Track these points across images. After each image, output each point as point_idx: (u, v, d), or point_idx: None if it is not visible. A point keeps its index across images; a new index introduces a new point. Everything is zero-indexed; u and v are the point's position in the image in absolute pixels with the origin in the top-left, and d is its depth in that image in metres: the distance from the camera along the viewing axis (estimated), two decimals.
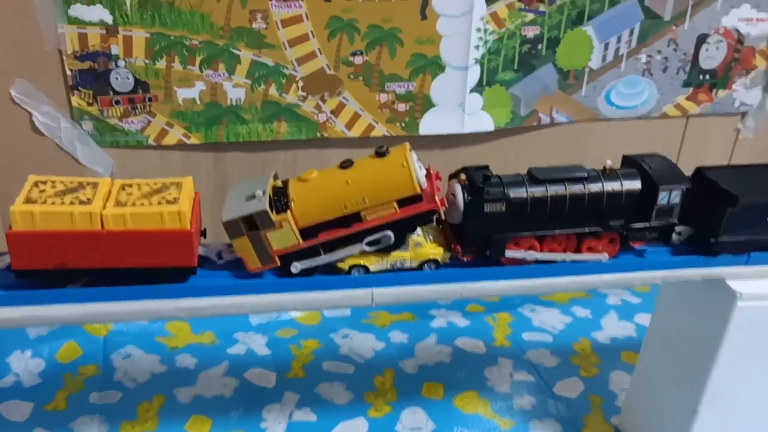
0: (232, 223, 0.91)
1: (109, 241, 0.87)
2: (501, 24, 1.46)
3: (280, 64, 1.40)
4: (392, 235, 0.94)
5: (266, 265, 0.94)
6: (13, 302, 0.89)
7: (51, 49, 1.31)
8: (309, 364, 1.49)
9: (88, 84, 1.35)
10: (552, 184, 0.98)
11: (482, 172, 0.99)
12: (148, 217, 0.87)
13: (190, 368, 1.45)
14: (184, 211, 0.88)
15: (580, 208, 0.99)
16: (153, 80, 1.37)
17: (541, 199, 0.98)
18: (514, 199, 0.96)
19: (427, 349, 1.55)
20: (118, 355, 1.47)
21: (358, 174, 0.93)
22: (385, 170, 0.92)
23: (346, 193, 0.92)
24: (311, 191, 0.94)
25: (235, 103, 1.42)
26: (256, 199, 0.92)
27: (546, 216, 0.99)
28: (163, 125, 1.41)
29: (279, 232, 0.92)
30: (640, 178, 1.00)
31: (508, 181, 0.98)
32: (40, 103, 1.35)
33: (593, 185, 0.99)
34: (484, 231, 0.97)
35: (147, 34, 1.33)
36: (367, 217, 0.93)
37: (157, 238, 0.88)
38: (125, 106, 1.38)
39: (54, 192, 0.89)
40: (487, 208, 0.96)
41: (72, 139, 1.39)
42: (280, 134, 1.47)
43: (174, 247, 0.89)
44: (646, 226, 1.01)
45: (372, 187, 0.92)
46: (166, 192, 0.91)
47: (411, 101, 1.49)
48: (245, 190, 0.95)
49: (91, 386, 1.39)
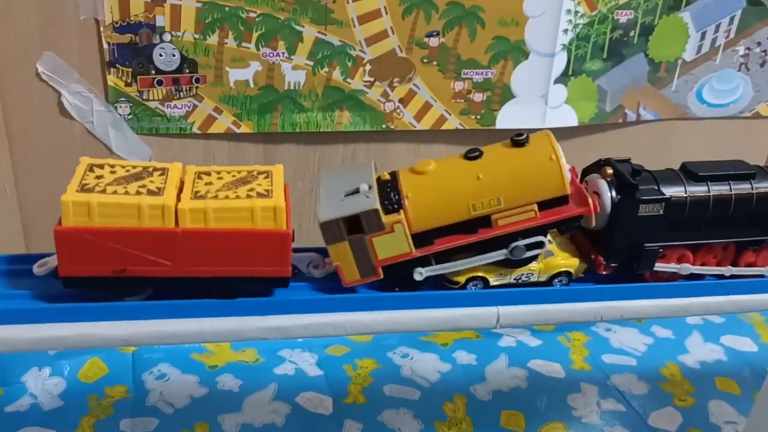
0: (332, 224, 0.73)
1: (185, 243, 0.69)
2: (593, 6, 1.29)
3: (346, 43, 1.22)
4: (524, 248, 0.76)
5: (366, 278, 0.77)
6: (58, 317, 0.70)
7: (86, 19, 1.12)
8: (369, 387, 1.31)
9: (127, 61, 1.16)
10: (714, 182, 0.81)
11: (629, 165, 0.82)
12: (237, 213, 0.69)
13: (234, 391, 1.26)
14: (280, 206, 0.70)
15: (745, 212, 0.82)
16: (202, 58, 1.19)
17: (701, 200, 0.81)
18: (674, 199, 0.79)
19: (498, 373, 1.37)
20: (151, 374, 1.28)
21: (492, 167, 0.76)
22: (528, 164, 0.75)
23: (477, 190, 0.75)
24: (430, 187, 0.76)
25: (293, 87, 1.24)
26: (361, 195, 0.74)
27: (705, 222, 0.82)
28: (210, 111, 1.23)
29: (388, 238, 0.74)
30: None
31: (661, 178, 0.81)
32: (71, 82, 1.16)
33: (762, 185, 0.82)
34: (635, 238, 0.80)
35: (198, 3, 1.15)
36: (500, 221, 0.76)
37: (246, 240, 0.70)
38: (168, 87, 1.20)
39: (114, 178, 0.71)
40: (642, 209, 0.78)
41: (105, 125, 1.20)
42: (342, 125, 1.29)
43: (267, 253, 0.71)
44: None
45: (510, 185, 0.75)
46: (255, 182, 0.73)
47: (489, 91, 1.32)
48: (343, 183, 0.77)
49: (121, 411, 1.20)
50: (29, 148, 1.19)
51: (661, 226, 0.80)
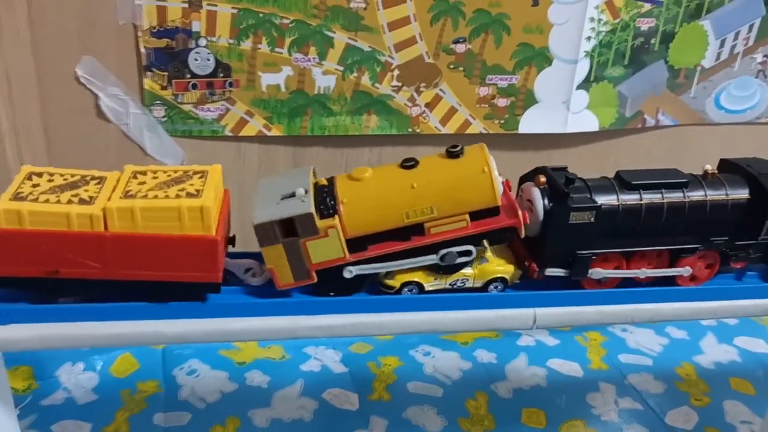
0: (266, 227, 0.73)
1: (114, 247, 0.70)
2: (616, 14, 1.32)
3: (376, 49, 1.25)
4: (456, 254, 0.78)
5: (299, 281, 0.77)
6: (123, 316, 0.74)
7: (125, 24, 1.15)
8: (393, 384, 1.34)
9: (163, 65, 1.19)
10: (646, 191, 0.82)
11: (563, 173, 0.82)
12: (163, 213, 0.69)
13: (263, 387, 1.30)
14: (207, 206, 0.69)
15: (678, 220, 0.83)
16: (236, 63, 1.22)
17: (633, 208, 0.81)
18: (604, 207, 0.80)
19: (518, 371, 1.40)
20: (181, 370, 1.32)
21: (427, 177, 0.76)
22: (461, 175, 0.75)
23: (411, 199, 0.75)
24: (366, 194, 0.76)
25: (323, 92, 1.27)
26: (296, 199, 0.74)
27: (638, 229, 0.82)
28: (242, 114, 1.26)
29: (322, 242, 0.75)
30: (748, 187, 0.84)
31: (595, 186, 0.81)
32: (108, 85, 1.19)
33: (694, 193, 0.83)
34: (567, 246, 0.80)
35: (233, 9, 1.18)
36: (432, 229, 0.76)
37: (174, 245, 0.70)
38: (203, 91, 1.23)
39: (50, 187, 0.72)
40: (573, 217, 0.79)
41: (140, 127, 1.23)
42: (369, 128, 1.32)
43: (195, 258, 0.71)
44: (752, 243, 0.85)
45: (443, 195, 0.75)
46: (187, 182, 0.72)
47: (512, 96, 1.35)
48: (281, 187, 0.77)
49: (154, 406, 1.23)
50: (66, 148, 1.22)
51: (593, 233, 0.80)
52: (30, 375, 1.26)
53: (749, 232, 0.85)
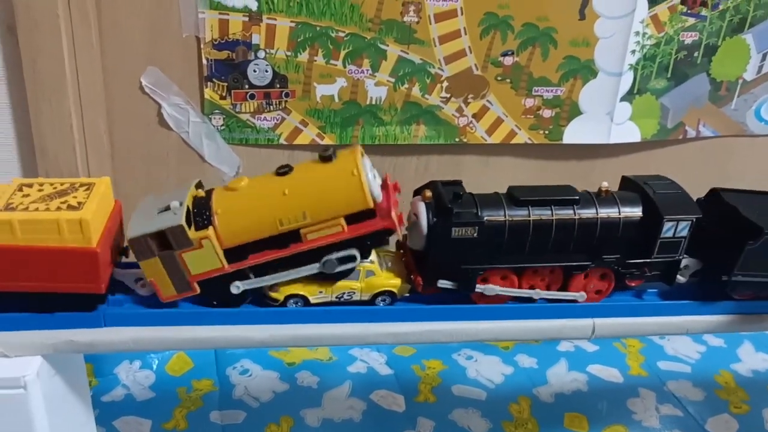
0: (139, 240, 0.73)
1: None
2: (660, 28, 1.35)
3: (426, 61, 1.29)
4: (336, 261, 0.77)
5: (182, 293, 0.77)
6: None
7: (188, 36, 1.20)
8: (438, 387, 1.37)
9: (223, 75, 1.24)
10: (535, 207, 0.81)
11: (453, 189, 0.82)
12: (42, 225, 0.69)
13: (313, 387, 1.34)
14: (87, 219, 0.69)
15: (568, 237, 0.82)
16: (292, 74, 1.26)
17: (521, 225, 0.81)
18: (489, 223, 0.79)
19: (559, 376, 1.43)
20: (234, 370, 1.36)
21: (298, 183, 0.75)
22: (331, 179, 0.75)
23: (283, 205, 0.75)
24: (240, 203, 0.76)
25: (374, 102, 1.31)
26: (170, 212, 0.74)
27: (527, 245, 0.82)
28: (296, 123, 1.30)
29: (198, 253, 0.75)
30: (642, 205, 0.84)
31: (483, 202, 0.81)
32: (171, 94, 1.24)
33: (585, 210, 0.82)
34: (451, 260, 0.80)
35: (292, 23, 1.22)
36: (308, 236, 0.76)
37: (55, 256, 0.70)
38: (260, 101, 1.27)
39: None
40: (455, 232, 0.78)
41: (199, 135, 1.28)
42: (418, 138, 1.36)
43: (77, 269, 0.71)
44: (646, 261, 0.84)
45: (314, 199, 0.75)
46: (71, 195, 0.73)
47: (557, 107, 1.38)
48: (160, 201, 0.77)
49: (209, 404, 1.27)
50: (129, 155, 1.26)
51: (478, 248, 0.80)
52: (90, 372, 1.31)
53: (642, 251, 0.84)
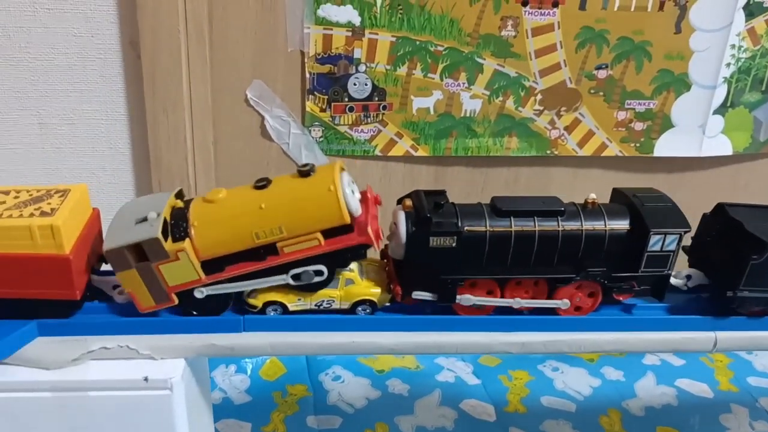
0: (116, 252, 0.72)
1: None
2: (757, 41, 1.34)
3: (521, 75, 1.31)
4: (313, 273, 0.77)
5: (160, 304, 0.77)
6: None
7: (293, 51, 1.24)
8: (526, 398, 1.38)
9: (324, 89, 1.28)
10: (518, 218, 0.79)
11: (434, 198, 0.80)
12: (15, 232, 0.69)
13: (404, 395, 1.36)
14: (58, 225, 0.69)
15: (551, 249, 0.80)
16: (391, 87, 1.29)
17: (502, 236, 0.79)
18: (469, 233, 0.78)
19: (648, 390, 1.42)
20: (327, 376, 1.39)
21: (275, 197, 0.75)
22: (308, 193, 0.74)
23: (259, 219, 0.74)
24: (217, 216, 0.75)
25: (469, 114, 1.33)
26: (147, 223, 0.73)
27: (509, 257, 0.80)
28: (392, 135, 1.33)
29: (175, 265, 0.74)
30: (629, 218, 0.82)
31: (464, 212, 0.79)
32: (274, 107, 1.28)
33: (570, 223, 0.80)
34: (430, 270, 0.79)
35: (393, 37, 1.25)
36: (285, 249, 0.75)
37: (26, 263, 0.70)
38: (358, 113, 1.30)
39: None
40: (432, 242, 0.77)
41: (299, 146, 1.32)
42: (510, 150, 1.37)
43: (50, 276, 0.71)
44: (633, 275, 0.82)
45: (290, 214, 0.74)
46: (45, 201, 0.72)
47: (649, 120, 1.38)
48: (139, 210, 0.76)
49: (305, 408, 1.30)
50: (232, 165, 1.31)
51: (457, 258, 0.79)
52: None
53: (629, 264, 0.82)
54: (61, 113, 1.18)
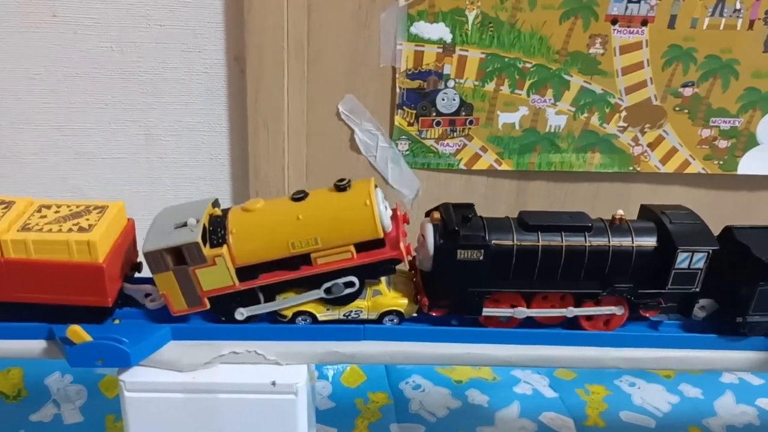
0: (155, 254, 0.75)
1: (9, 272, 0.75)
2: None
3: (607, 92, 1.32)
4: (344, 285, 0.79)
5: (192, 308, 0.79)
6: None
7: (385, 66, 1.27)
8: (605, 412, 1.38)
9: (413, 103, 1.31)
10: (545, 233, 0.80)
11: (462, 211, 0.81)
12: (53, 246, 0.74)
13: (484, 406, 1.37)
14: (94, 241, 0.74)
15: (578, 265, 0.81)
16: (478, 102, 1.31)
17: (529, 250, 0.79)
18: (496, 246, 0.79)
19: (728, 408, 1.42)
20: (407, 384, 1.41)
21: (312, 209, 0.77)
22: (344, 208, 0.76)
23: (296, 230, 0.76)
24: (254, 224, 0.77)
25: (553, 130, 1.35)
26: (187, 228, 0.75)
27: (536, 271, 0.81)
28: (477, 150, 1.36)
29: (211, 270, 0.76)
30: (657, 235, 0.82)
31: (491, 225, 0.80)
32: (364, 121, 1.31)
33: (597, 239, 0.80)
34: (457, 282, 0.80)
35: (482, 54, 1.28)
36: (318, 260, 0.78)
37: (64, 271, 0.75)
38: (445, 128, 1.33)
39: None
40: (460, 255, 0.78)
41: (385, 159, 1.35)
42: (592, 165, 1.39)
43: (84, 283, 0.75)
44: (660, 292, 0.82)
45: (326, 226, 0.76)
46: (84, 217, 0.77)
47: (734, 138, 1.38)
48: (177, 216, 0.78)
49: (388, 416, 1.33)
50: (321, 176, 1.34)
51: (485, 272, 0.79)
52: None
53: (656, 281, 0.82)
54: (167, 125, 1.23)
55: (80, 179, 1.25)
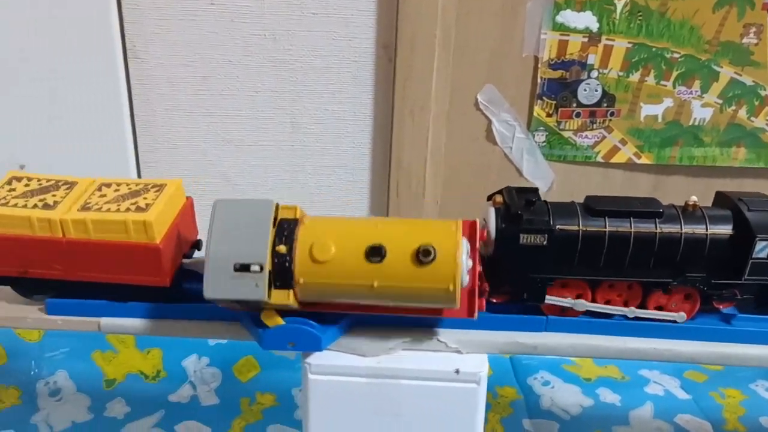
0: (218, 301, 0.72)
1: (70, 251, 0.75)
2: None
3: (758, 84, 1.27)
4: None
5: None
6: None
7: (527, 57, 1.25)
8: (744, 417, 1.33)
9: (553, 94, 1.28)
10: (613, 218, 0.76)
11: (526, 195, 0.77)
12: (110, 225, 0.74)
13: (617, 405, 1.34)
14: (150, 221, 0.73)
15: (647, 252, 0.76)
16: (621, 93, 1.28)
17: (596, 236, 0.76)
18: (561, 232, 0.75)
19: None
20: (535, 380, 1.39)
21: (390, 279, 0.71)
22: (425, 288, 0.71)
23: (369, 295, 0.72)
24: (324, 279, 0.72)
25: (697, 123, 1.30)
26: (250, 278, 0.70)
27: (602, 258, 0.77)
28: (616, 142, 1.32)
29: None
30: (733, 222, 0.77)
31: (556, 210, 0.76)
32: (502, 111, 1.29)
33: (668, 226, 0.76)
34: (520, 268, 0.77)
35: (629, 44, 1.24)
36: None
37: (122, 250, 0.75)
38: (584, 119, 1.30)
39: (24, 191, 0.78)
40: (523, 239, 0.75)
41: (521, 150, 1.33)
42: (737, 160, 1.34)
43: (142, 263, 0.76)
44: (735, 283, 0.77)
45: (403, 299, 0.72)
46: (142, 196, 0.77)
47: None
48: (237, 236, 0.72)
49: (519, 411, 1.31)
50: (457, 165, 1.33)
51: (548, 257, 0.76)
52: None
53: (731, 272, 0.77)
54: (313, 113, 1.24)
55: (226, 166, 1.27)
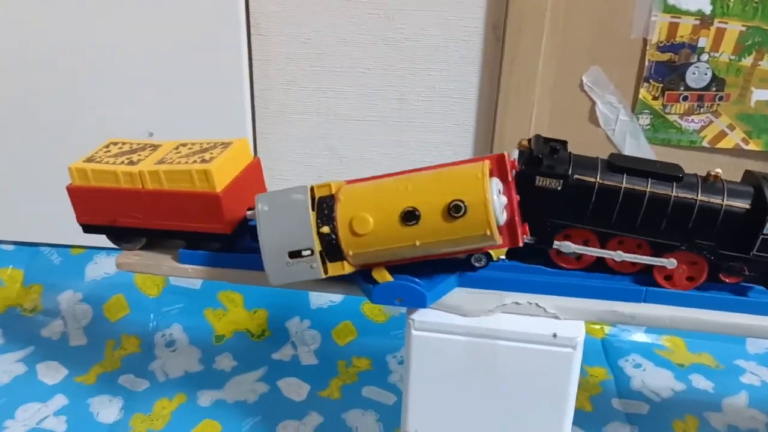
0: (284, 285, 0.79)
1: (149, 201, 0.85)
2: None
3: None
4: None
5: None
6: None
7: (635, 38, 1.25)
8: None
9: (660, 77, 1.28)
10: (631, 176, 0.78)
11: (553, 144, 0.80)
12: (178, 175, 0.83)
13: (710, 392, 1.34)
14: (211, 170, 0.81)
15: (660, 214, 0.78)
16: (731, 78, 1.26)
17: (611, 190, 0.78)
18: (577, 181, 0.78)
19: None
20: (627, 362, 1.40)
21: (428, 236, 0.75)
22: (462, 238, 0.75)
23: (415, 252, 0.77)
24: (370, 248, 0.77)
25: None
26: (305, 262, 0.77)
27: (615, 213, 0.79)
28: (723, 127, 1.31)
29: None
30: (752, 198, 0.77)
31: (578, 161, 0.79)
32: (607, 93, 1.30)
33: (684, 191, 0.77)
34: (533, 210, 0.78)
35: (742, 27, 1.22)
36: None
37: (187, 199, 0.83)
38: (692, 103, 1.29)
39: (116, 152, 0.88)
40: (538, 181, 0.78)
41: (624, 133, 1.33)
42: None
43: (205, 211, 0.83)
44: (743, 257, 0.78)
45: (445, 248, 0.77)
46: (209, 152, 0.85)
47: None
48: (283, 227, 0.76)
49: (608, 390, 1.33)
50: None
51: (561, 204, 0.79)
52: None
53: (740, 245, 0.79)
54: (420, 90, 1.29)
55: (335, 139, 1.34)
